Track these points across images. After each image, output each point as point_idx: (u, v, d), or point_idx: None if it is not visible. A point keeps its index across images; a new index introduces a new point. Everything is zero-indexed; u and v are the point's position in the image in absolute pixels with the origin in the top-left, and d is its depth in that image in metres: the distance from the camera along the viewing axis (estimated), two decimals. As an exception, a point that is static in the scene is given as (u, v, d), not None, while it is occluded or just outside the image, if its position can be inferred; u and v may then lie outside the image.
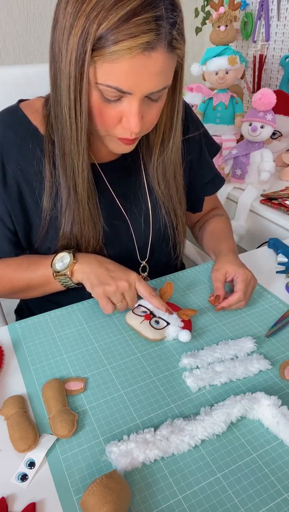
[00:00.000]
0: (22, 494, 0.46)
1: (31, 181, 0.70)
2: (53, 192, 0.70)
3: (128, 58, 0.52)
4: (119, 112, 0.59)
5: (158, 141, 0.72)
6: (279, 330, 0.68)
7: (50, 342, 0.66)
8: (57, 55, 0.56)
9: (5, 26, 1.45)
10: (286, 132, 1.40)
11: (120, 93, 0.56)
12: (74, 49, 0.53)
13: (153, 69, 0.54)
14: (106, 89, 0.56)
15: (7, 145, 0.69)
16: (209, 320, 0.71)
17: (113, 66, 0.53)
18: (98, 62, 0.53)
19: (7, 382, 0.60)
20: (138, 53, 0.51)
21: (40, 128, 0.70)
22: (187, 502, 0.45)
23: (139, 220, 0.79)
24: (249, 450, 0.50)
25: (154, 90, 0.57)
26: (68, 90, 0.57)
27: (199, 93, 1.55)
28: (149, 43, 0.51)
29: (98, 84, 0.55)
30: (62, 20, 0.54)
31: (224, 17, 1.32)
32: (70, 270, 0.68)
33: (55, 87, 0.59)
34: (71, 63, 0.54)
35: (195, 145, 0.84)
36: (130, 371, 0.61)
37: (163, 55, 0.54)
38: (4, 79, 0.97)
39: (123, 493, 0.43)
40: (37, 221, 0.73)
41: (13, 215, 0.72)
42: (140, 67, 0.53)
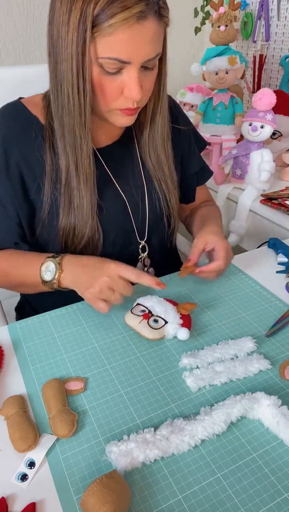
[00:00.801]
0: (22, 494, 0.46)
1: (33, 168, 0.73)
2: (53, 176, 0.73)
3: (124, 28, 0.57)
4: (120, 84, 0.64)
5: (148, 119, 0.78)
6: (279, 330, 0.68)
7: (50, 342, 0.66)
8: (57, 40, 0.61)
9: (5, 26, 1.45)
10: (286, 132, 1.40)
11: (120, 64, 0.61)
12: (74, 29, 0.59)
13: (147, 36, 0.60)
14: (107, 62, 0.61)
15: (10, 135, 0.72)
16: (209, 320, 0.71)
17: (112, 38, 0.58)
18: (98, 38, 0.59)
19: (7, 382, 0.60)
20: (133, 22, 0.57)
21: (40, 117, 0.74)
22: (187, 502, 0.45)
23: (137, 201, 0.82)
24: (249, 450, 0.50)
25: (149, 57, 0.62)
26: (71, 69, 0.61)
27: (199, 93, 1.55)
28: (141, 12, 0.57)
29: (99, 59, 0.60)
30: (60, 7, 0.59)
31: (224, 17, 1.32)
32: (57, 280, 0.70)
33: (56, 71, 0.64)
34: (72, 43, 0.59)
35: (186, 138, 0.90)
36: (130, 371, 0.61)
37: (154, 23, 0.60)
38: (4, 79, 0.97)
39: (123, 493, 0.43)
40: (39, 205, 0.74)
41: (17, 203, 0.74)
42: (136, 36, 0.59)
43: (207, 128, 1.43)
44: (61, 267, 0.70)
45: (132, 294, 0.68)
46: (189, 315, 0.69)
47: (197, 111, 1.44)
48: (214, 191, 1.36)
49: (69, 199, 0.73)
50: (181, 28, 1.75)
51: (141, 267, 0.86)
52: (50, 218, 0.75)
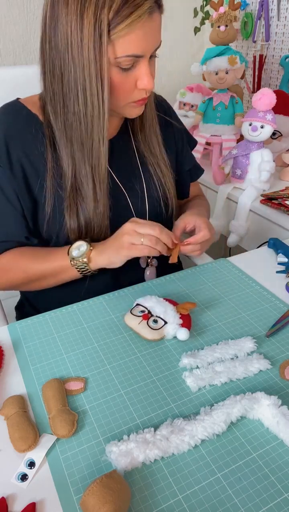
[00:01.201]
0: (22, 494, 0.46)
1: (35, 163, 0.75)
2: (55, 173, 0.75)
3: (140, 25, 0.61)
4: (134, 77, 0.67)
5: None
6: (279, 330, 0.68)
7: (50, 342, 0.67)
8: (66, 48, 0.63)
9: (5, 26, 1.45)
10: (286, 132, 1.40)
11: (135, 59, 0.65)
12: (90, 36, 0.61)
13: (155, 28, 0.65)
14: (125, 60, 0.64)
15: (11, 133, 0.74)
16: (209, 320, 0.71)
17: (129, 37, 0.62)
18: (116, 39, 0.61)
19: (7, 382, 0.60)
20: (146, 18, 0.61)
21: (39, 115, 0.76)
22: (187, 502, 0.45)
23: (135, 193, 0.84)
24: (249, 450, 0.50)
25: (157, 46, 0.67)
26: (89, 75, 0.63)
27: (199, 93, 1.55)
28: (151, 7, 0.61)
29: (117, 59, 0.63)
30: (66, 19, 0.61)
31: (224, 17, 1.32)
32: (87, 256, 0.73)
33: (63, 81, 0.66)
34: (89, 50, 0.62)
35: (179, 136, 0.95)
36: (130, 371, 0.61)
37: (158, 14, 0.65)
38: (4, 79, 0.97)
39: (123, 493, 0.43)
40: (42, 201, 0.76)
41: (20, 197, 0.75)
42: (149, 30, 0.63)
43: (207, 128, 1.43)
44: (92, 245, 0.73)
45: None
46: (188, 315, 0.69)
47: (197, 111, 1.44)
48: (214, 191, 1.36)
49: (76, 205, 0.74)
50: (180, 28, 1.75)
51: (145, 259, 0.87)
52: (54, 215, 0.76)
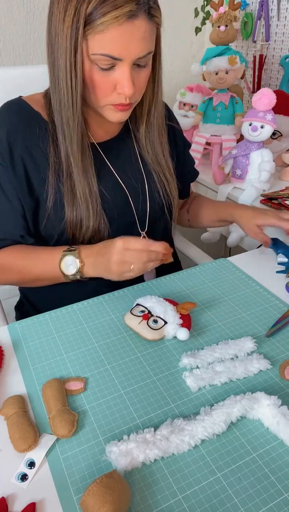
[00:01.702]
0: (22, 494, 0.46)
1: (37, 160, 0.75)
2: (56, 168, 0.75)
3: (116, 26, 0.61)
4: (113, 80, 0.67)
5: (144, 114, 0.82)
6: (279, 330, 0.68)
7: (50, 342, 0.66)
8: (54, 37, 0.65)
9: (5, 26, 1.44)
10: (286, 132, 1.40)
11: (112, 60, 0.64)
12: (68, 27, 0.62)
13: (138, 35, 0.63)
14: (100, 58, 0.64)
15: (14, 130, 0.75)
16: (209, 320, 0.71)
17: (104, 36, 0.62)
18: (90, 35, 0.62)
19: (7, 382, 0.60)
20: (124, 21, 0.61)
21: (42, 113, 0.77)
22: (187, 502, 0.45)
23: (137, 192, 0.85)
24: (249, 450, 0.50)
25: (141, 55, 0.66)
26: (65, 64, 0.65)
27: (199, 93, 1.55)
28: (131, 11, 0.61)
29: (92, 55, 0.64)
30: (57, 6, 0.63)
31: (224, 17, 1.32)
32: (80, 272, 0.73)
33: (53, 67, 0.68)
34: (67, 40, 0.63)
35: (180, 138, 0.97)
36: (130, 371, 0.61)
37: (145, 22, 0.63)
38: (4, 79, 0.97)
39: (123, 493, 0.43)
40: (43, 198, 0.76)
41: (22, 196, 0.76)
42: (127, 34, 0.62)
43: (207, 128, 1.43)
44: (82, 260, 0.73)
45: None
46: (188, 315, 0.69)
47: (197, 111, 1.44)
48: (214, 191, 1.36)
49: (72, 191, 0.75)
50: (181, 28, 1.75)
51: None
52: (55, 209, 0.76)
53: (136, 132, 0.85)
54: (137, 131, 0.85)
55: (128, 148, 0.86)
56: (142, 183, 0.86)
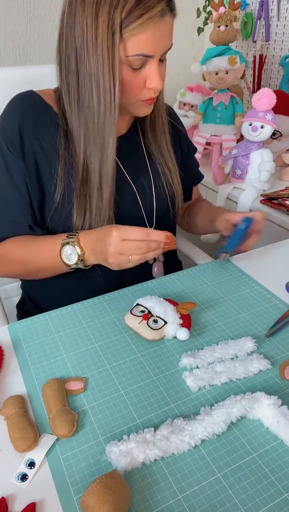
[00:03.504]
0: (22, 494, 0.46)
1: (48, 151, 0.76)
2: (67, 162, 0.76)
3: (151, 26, 0.64)
4: (143, 77, 0.70)
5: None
6: (279, 330, 0.68)
7: (50, 342, 0.67)
8: (82, 47, 0.66)
9: (5, 26, 1.45)
10: (286, 132, 1.40)
11: (144, 59, 0.67)
12: (104, 34, 0.64)
13: (166, 30, 0.67)
14: (135, 59, 0.66)
15: (25, 119, 0.75)
16: (209, 320, 0.71)
17: (140, 37, 0.64)
18: (127, 38, 0.64)
19: (7, 382, 0.60)
20: (157, 20, 0.64)
21: (54, 106, 0.78)
22: (187, 502, 0.45)
23: (144, 189, 0.86)
24: (249, 450, 0.50)
25: (167, 48, 0.70)
26: (102, 71, 0.66)
27: (199, 93, 1.55)
28: (163, 10, 0.64)
29: (128, 57, 0.66)
30: (82, 17, 0.64)
31: (224, 17, 1.32)
32: (82, 263, 0.73)
33: (78, 76, 0.69)
34: (103, 47, 0.64)
35: (184, 140, 0.98)
36: (130, 371, 0.61)
37: (170, 17, 0.68)
38: (4, 80, 0.97)
39: (123, 493, 0.43)
40: (51, 190, 0.76)
41: (30, 186, 0.76)
42: (159, 32, 0.66)
43: (207, 128, 1.43)
44: (82, 248, 0.72)
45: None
46: (188, 315, 0.69)
47: (197, 111, 1.44)
48: (214, 191, 1.36)
49: (85, 199, 0.75)
50: (181, 28, 1.74)
51: None
52: (63, 203, 0.76)
53: (143, 126, 0.87)
54: (144, 126, 0.86)
55: (136, 145, 0.87)
56: (149, 180, 0.87)
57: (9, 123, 0.75)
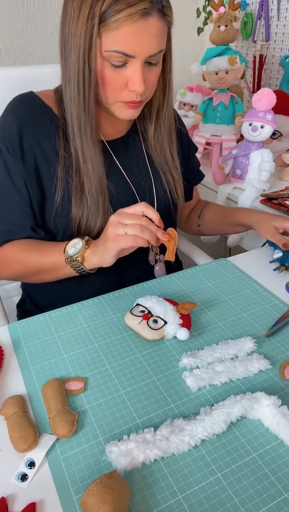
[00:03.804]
0: (22, 494, 0.46)
1: (47, 153, 0.76)
2: (66, 161, 0.76)
3: (129, 23, 0.62)
4: (124, 77, 0.68)
5: (154, 114, 0.83)
6: (279, 330, 0.68)
7: (50, 342, 0.67)
8: (68, 35, 0.66)
9: (5, 26, 1.45)
10: (286, 132, 1.40)
11: (125, 57, 0.65)
12: (83, 24, 0.63)
13: (150, 32, 0.64)
14: (113, 55, 0.65)
15: (25, 121, 0.75)
16: (209, 320, 0.71)
17: (117, 33, 0.63)
18: (104, 32, 0.63)
19: (7, 382, 0.60)
20: (137, 18, 0.62)
21: (53, 107, 0.78)
22: (187, 502, 0.45)
23: (144, 191, 0.86)
24: (249, 450, 0.50)
25: (152, 53, 0.66)
26: (78, 61, 0.66)
27: (199, 93, 1.55)
28: (145, 9, 0.62)
29: (105, 52, 0.65)
30: (72, 6, 0.64)
31: (224, 17, 1.32)
32: (81, 255, 0.71)
33: (66, 65, 0.69)
34: (81, 37, 0.64)
35: (185, 139, 0.97)
36: (130, 371, 0.61)
37: (157, 20, 0.64)
38: (4, 80, 0.97)
39: (123, 493, 0.43)
40: (51, 191, 0.76)
41: (30, 187, 0.76)
42: (140, 31, 0.63)
43: (207, 128, 1.43)
44: (88, 244, 0.72)
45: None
46: (188, 315, 0.69)
47: (197, 111, 1.44)
48: (214, 191, 1.36)
49: (81, 187, 0.75)
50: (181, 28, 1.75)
51: (153, 255, 0.87)
52: (63, 204, 0.77)
53: (144, 132, 0.86)
54: (146, 131, 0.86)
55: (136, 147, 0.86)
56: (150, 182, 0.86)
57: (9, 125, 0.75)
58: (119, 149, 0.84)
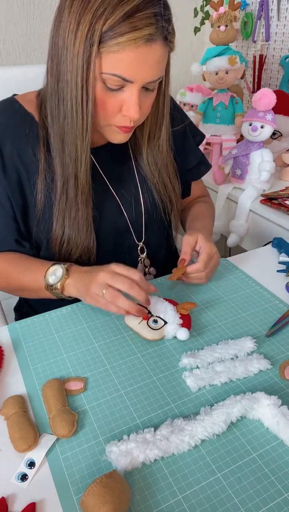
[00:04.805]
0: (22, 494, 0.46)
1: (27, 164, 0.73)
2: (48, 175, 0.72)
3: (133, 48, 0.58)
4: (120, 101, 0.64)
5: (146, 133, 0.78)
6: (279, 330, 0.68)
7: (50, 342, 0.66)
8: (62, 48, 0.62)
9: (5, 26, 1.45)
10: (286, 132, 1.40)
11: (123, 82, 0.62)
12: (81, 42, 0.59)
13: (153, 59, 0.61)
14: (111, 78, 0.61)
15: (4, 130, 0.72)
16: (209, 320, 0.71)
17: (118, 56, 0.59)
18: (104, 53, 0.59)
19: (7, 382, 0.60)
20: (141, 44, 0.58)
21: (35, 115, 0.74)
22: (187, 502, 0.45)
23: (129, 200, 0.81)
24: (249, 450, 0.50)
25: (152, 80, 0.63)
26: (76, 81, 0.61)
27: (199, 93, 1.55)
28: (150, 35, 0.58)
29: (103, 74, 0.61)
30: (68, 18, 0.60)
31: (224, 17, 1.32)
32: (61, 284, 0.69)
33: (58, 80, 0.64)
34: (78, 55, 0.60)
35: (179, 137, 0.88)
36: (130, 371, 0.61)
37: (161, 47, 0.61)
38: (4, 79, 0.97)
39: (123, 493, 0.43)
40: (33, 202, 0.74)
41: (12, 200, 0.73)
42: (143, 57, 0.60)
43: (207, 128, 1.43)
44: (68, 273, 0.69)
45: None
46: (189, 314, 0.69)
47: (197, 111, 1.44)
48: (214, 191, 1.36)
49: (64, 209, 0.72)
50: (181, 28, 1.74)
51: (142, 268, 0.86)
52: (44, 216, 0.74)
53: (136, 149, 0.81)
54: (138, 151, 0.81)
55: (123, 157, 0.82)
56: (137, 191, 0.82)
57: None
58: (104, 156, 0.79)
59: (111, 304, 0.63)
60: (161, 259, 0.89)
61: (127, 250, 0.84)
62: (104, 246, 0.78)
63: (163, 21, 0.59)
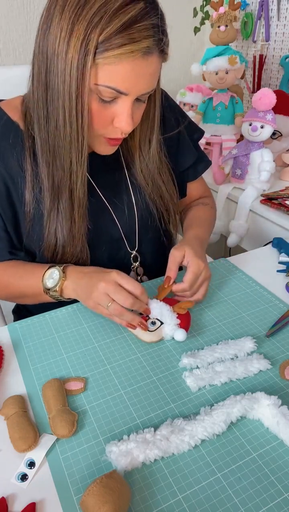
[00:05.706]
0: (22, 494, 0.46)
1: (14, 175, 0.71)
2: (35, 186, 0.70)
3: (129, 61, 0.56)
4: (112, 113, 0.62)
5: (137, 140, 0.75)
6: (279, 330, 0.68)
7: (50, 342, 0.66)
8: (52, 58, 0.58)
9: (5, 26, 1.45)
10: (286, 132, 1.40)
11: (117, 94, 0.60)
12: (75, 51, 0.56)
13: (148, 71, 0.59)
14: (105, 90, 0.59)
15: None
16: (209, 320, 0.71)
17: (114, 68, 0.57)
18: (100, 64, 0.57)
19: (7, 382, 0.60)
20: (139, 57, 0.56)
21: (20, 123, 0.71)
22: (187, 502, 0.45)
23: (122, 209, 0.79)
24: (249, 450, 0.50)
25: (146, 92, 0.62)
26: (69, 92, 0.58)
27: (199, 93, 1.55)
28: (148, 48, 0.56)
29: (97, 85, 0.58)
30: (58, 25, 0.56)
31: (224, 17, 1.32)
32: (60, 287, 0.69)
33: (46, 88, 0.61)
34: (72, 66, 0.57)
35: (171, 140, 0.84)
36: (130, 371, 0.61)
37: (156, 60, 0.60)
38: (4, 79, 0.97)
39: (123, 493, 0.43)
40: (22, 212, 0.73)
41: (2, 212, 0.72)
42: (139, 70, 0.58)
43: (207, 128, 1.43)
44: (65, 275, 0.69)
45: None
46: (188, 313, 0.68)
47: (197, 111, 1.44)
48: (214, 191, 1.36)
49: (55, 222, 0.70)
50: (180, 28, 1.75)
51: (134, 276, 0.85)
52: (34, 227, 0.73)
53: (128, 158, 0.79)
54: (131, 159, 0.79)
55: (115, 165, 0.79)
56: (129, 199, 0.80)
57: None
58: (94, 165, 0.74)
59: (115, 317, 0.64)
60: (157, 266, 0.87)
61: (120, 258, 0.82)
62: (97, 255, 0.77)
63: (160, 33, 0.58)
